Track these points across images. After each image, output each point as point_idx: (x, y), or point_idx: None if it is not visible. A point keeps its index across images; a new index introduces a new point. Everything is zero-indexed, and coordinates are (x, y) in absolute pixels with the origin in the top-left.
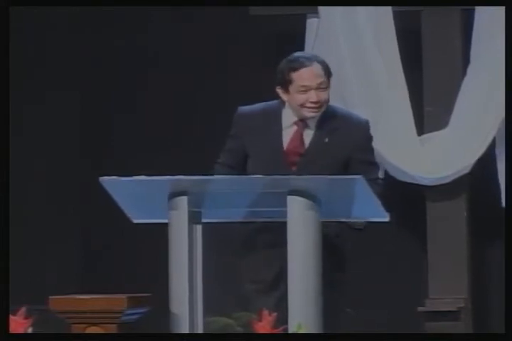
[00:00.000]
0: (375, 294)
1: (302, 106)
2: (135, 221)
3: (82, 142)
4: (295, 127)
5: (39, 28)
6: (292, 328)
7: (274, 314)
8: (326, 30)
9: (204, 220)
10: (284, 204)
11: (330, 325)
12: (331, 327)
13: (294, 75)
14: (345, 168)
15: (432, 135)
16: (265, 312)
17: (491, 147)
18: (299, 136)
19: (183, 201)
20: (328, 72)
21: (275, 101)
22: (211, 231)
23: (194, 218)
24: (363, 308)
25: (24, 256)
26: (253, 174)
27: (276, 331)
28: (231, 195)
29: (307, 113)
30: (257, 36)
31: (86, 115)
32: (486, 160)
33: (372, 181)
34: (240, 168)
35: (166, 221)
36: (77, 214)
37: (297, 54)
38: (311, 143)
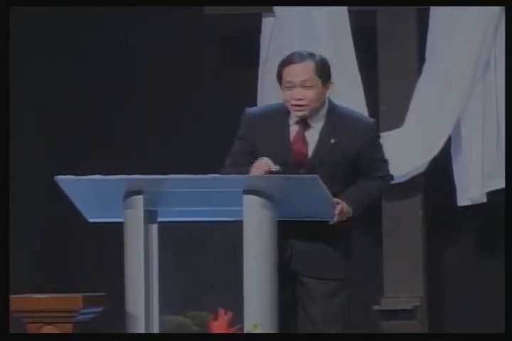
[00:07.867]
0: None
1: (289, 103)
2: (91, 220)
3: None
4: (296, 127)
5: (39, 28)
6: (248, 328)
7: (230, 313)
8: (280, 30)
9: (160, 219)
10: (240, 204)
11: (285, 324)
12: (287, 327)
13: (284, 71)
14: (355, 167)
15: (387, 134)
16: (221, 312)
17: (446, 146)
18: (300, 137)
19: (138, 200)
20: (321, 72)
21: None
22: (167, 230)
23: (150, 217)
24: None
25: None
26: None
27: (232, 330)
28: (187, 194)
29: (293, 111)
30: (213, 36)
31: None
32: (441, 159)
33: (381, 178)
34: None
35: (121, 220)
36: (32, 213)
37: (296, 50)
38: (317, 145)
